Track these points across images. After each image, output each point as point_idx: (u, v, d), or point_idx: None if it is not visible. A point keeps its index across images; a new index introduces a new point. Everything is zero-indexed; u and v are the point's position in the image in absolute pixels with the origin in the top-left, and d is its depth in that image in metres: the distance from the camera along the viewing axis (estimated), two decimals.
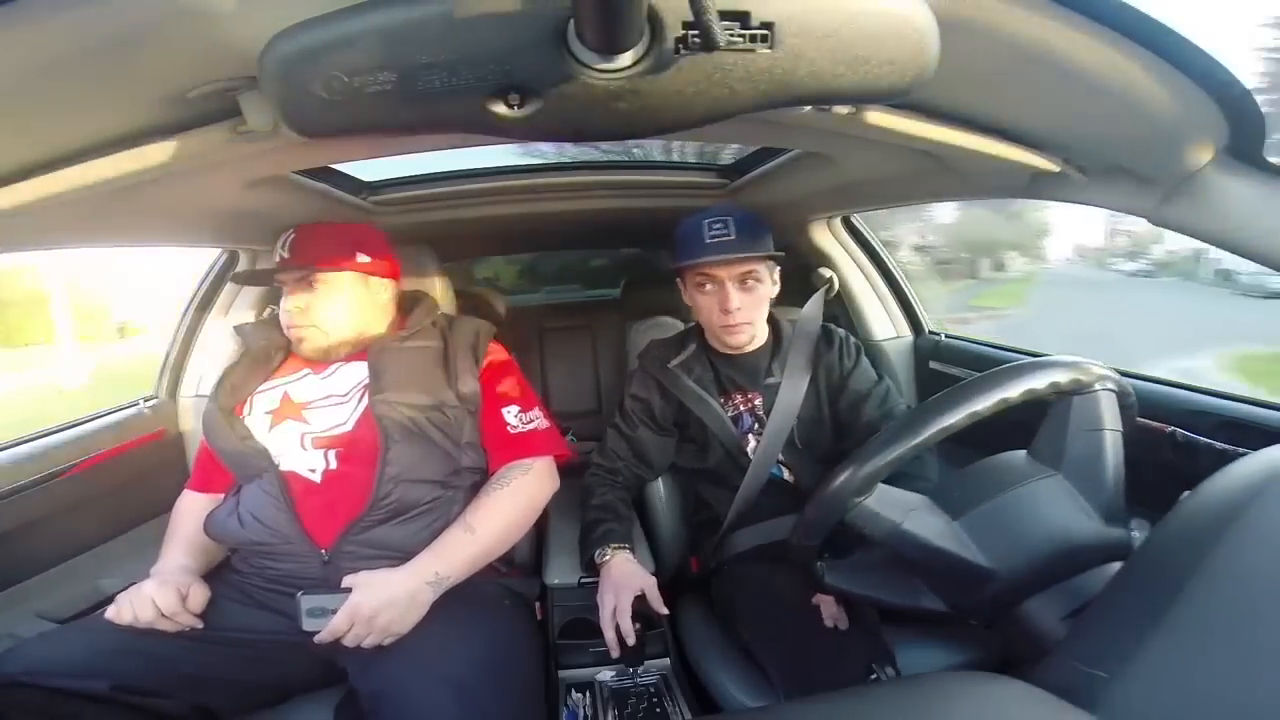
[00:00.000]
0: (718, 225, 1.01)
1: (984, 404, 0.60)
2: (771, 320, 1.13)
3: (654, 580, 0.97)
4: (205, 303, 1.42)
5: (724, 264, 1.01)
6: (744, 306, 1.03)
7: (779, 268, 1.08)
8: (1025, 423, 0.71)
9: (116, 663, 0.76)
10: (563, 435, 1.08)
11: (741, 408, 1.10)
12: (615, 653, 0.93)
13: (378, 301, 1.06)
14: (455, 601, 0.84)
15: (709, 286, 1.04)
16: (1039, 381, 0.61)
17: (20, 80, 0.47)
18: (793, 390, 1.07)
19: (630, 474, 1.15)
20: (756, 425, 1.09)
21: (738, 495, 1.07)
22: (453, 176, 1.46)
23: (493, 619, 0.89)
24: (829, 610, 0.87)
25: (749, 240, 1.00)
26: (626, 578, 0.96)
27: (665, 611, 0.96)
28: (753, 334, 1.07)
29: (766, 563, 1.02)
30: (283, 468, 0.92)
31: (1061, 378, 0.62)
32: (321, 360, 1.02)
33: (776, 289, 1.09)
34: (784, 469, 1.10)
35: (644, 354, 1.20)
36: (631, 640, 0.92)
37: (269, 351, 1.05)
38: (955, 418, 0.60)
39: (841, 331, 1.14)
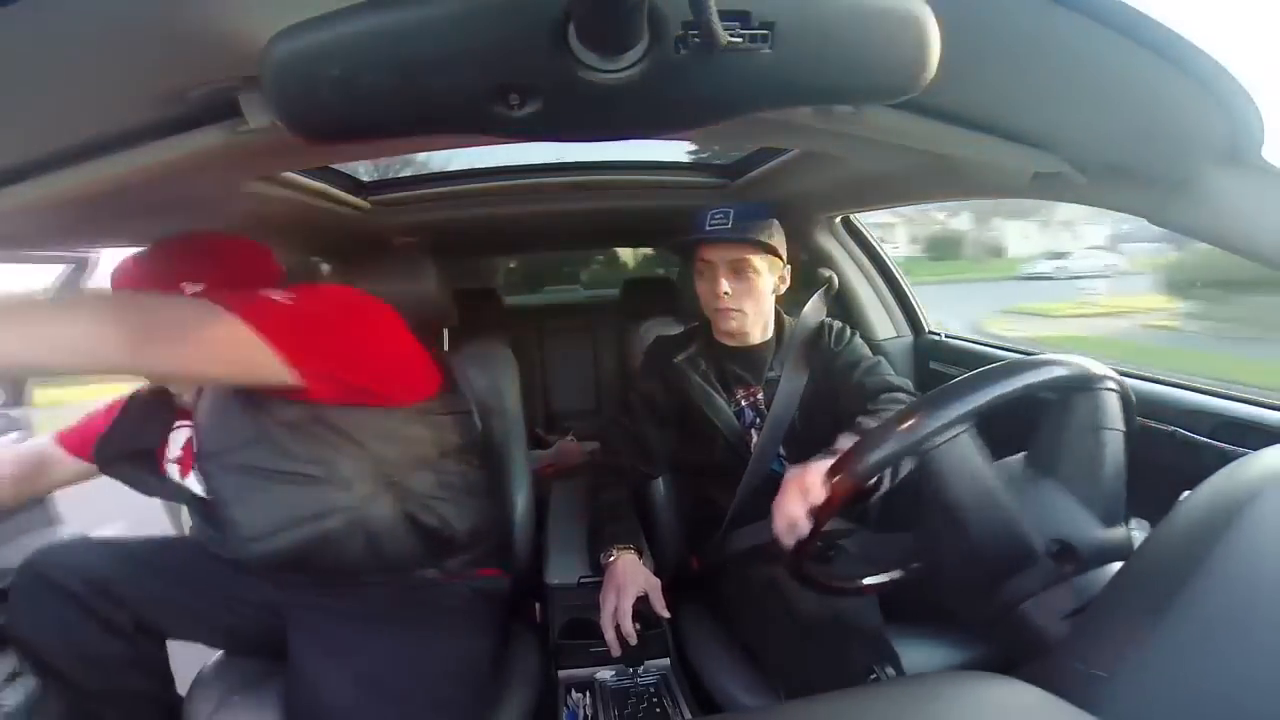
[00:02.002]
0: (719, 215, 1.05)
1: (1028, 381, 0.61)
2: (777, 318, 1.15)
3: (658, 582, 0.98)
4: None
5: (717, 248, 1.05)
6: (735, 293, 1.06)
7: (787, 267, 1.10)
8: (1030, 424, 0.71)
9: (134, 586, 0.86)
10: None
11: (744, 402, 1.12)
12: (616, 652, 0.93)
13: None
14: (411, 610, 0.84)
15: (706, 272, 1.08)
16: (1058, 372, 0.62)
17: (20, 80, 0.47)
18: (792, 384, 1.09)
19: (634, 470, 1.16)
20: (758, 419, 1.11)
21: (739, 488, 1.07)
22: (453, 176, 1.46)
23: (449, 630, 0.87)
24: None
25: (750, 229, 1.03)
26: (631, 578, 0.96)
27: (667, 615, 0.96)
28: (745, 324, 1.09)
29: (767, 562, 1.02)
30: None
31: (1072, 372, 0.62)
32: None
33: (781, 286, 1.11)
34: (786, 465, 1.10)
35: (650, 349, 1.21)
36: (633, 641, 0.92)
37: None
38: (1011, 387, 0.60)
39: (836, 323, 1.16)
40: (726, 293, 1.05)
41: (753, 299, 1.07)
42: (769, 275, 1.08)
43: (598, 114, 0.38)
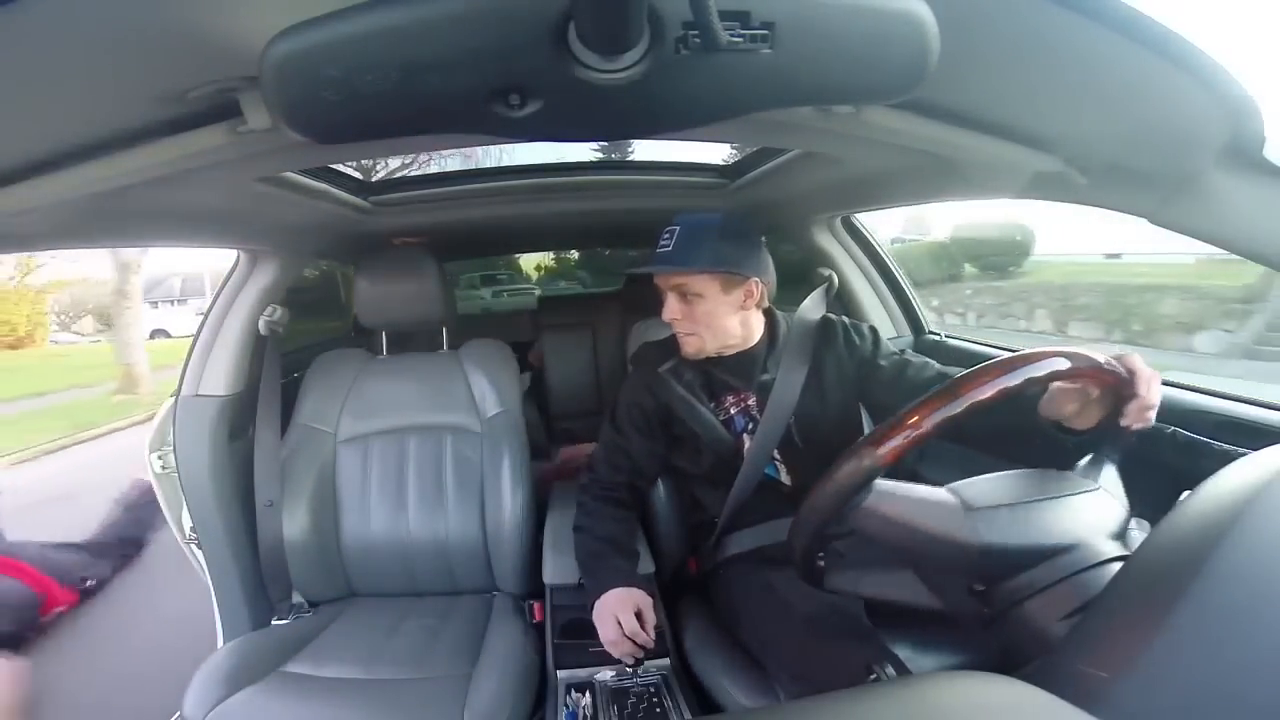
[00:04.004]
0: (666, 235, 1.01)
1: (989, 392, 0.58)
2: (769, 316, 1.11)
3: (650, 599, 0.98)
4: (228, 305, 1.40)
5: (660, 275, 1.02)
6: (683, 316, 1.03)
7: (751, 280, 1.02)
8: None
9: None
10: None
11: (733, 410, 1.07)
12: (631, 661, 0.94)
13: None
14: None
15: (662, 294, 1.05)
16: (1040, 371, 0.60)
17: (20, 81, 0.47)
18: (788, 386, 1.03)
19: (629, 485, 1.13)
20: (751, 425, 1.06)
21: (730, 496, 1.05)
22: (453, 176, 1.46)
23: None
24: None
25: (684, 253, 0.98)
26: (621, 600, 0.96)
27: (652, 637, 0.96)
28: (702, 346, 1.04)
29: (763, 565, 1.01)
30: None
31: (1063, 366, 0.61)
32: None
33: (746, 301, 1.03)
34: (781, 469, 1.08)
35: (635, 358, 1.19)
36: (652, 645, 0.94)
37: None
38: (959, 407, 0.57)
39: (845, 320, 1.10)
40: (674, 319, 1.03)
41: (701, 322, 1.02)
42: (721, 295, 1.01)
43: (598, 114, 0.38)
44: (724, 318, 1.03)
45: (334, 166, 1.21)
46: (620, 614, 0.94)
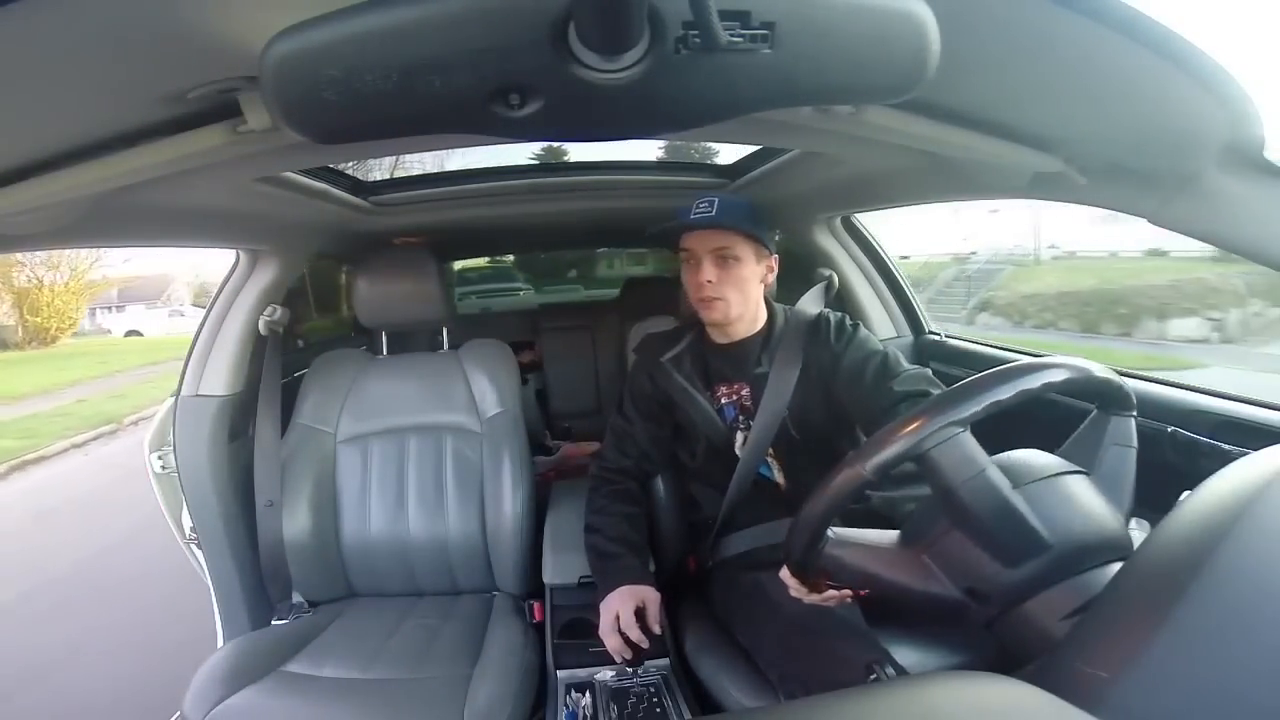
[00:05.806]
0: (704, 204, 1.04)
1: (1034, 384, 0.56)
2: (769, 310, 1.12)
3: (657, 595, 0.98)
4: (228, 305, 1.40)
5: (699, 235, 1.03)
6: (718, 281, 1.03)
7: (773, 257, 1.08)
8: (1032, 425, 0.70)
9: None
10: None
11: (724, 399, 1.09)
12: (619, 659, 0.94)
13: None
14: None
15: (690, 261, 1.06)
16: (1061, 375, 0.59)
17: (20, 80, 0.47)
18: (782, 381, 1.04)
19: (638, 470, 1.15)
20: (743, 418, 1.07)
21: (728, 492, 1.06)
22: (453, 176, 1.46)
23: None
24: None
25: (729, 216, 1.02)
26: (627, 595, 0.97)
27: (658, 632, 0.96)
28: (729, 312, 1.05)
29: (760, 567, 1.01)
30: None
31: (1079, 375, 0.61)
32: None
33: (767, 276, 1.08)
34: (774, 468, 1.09)
35: (639, 347, 1.21)
36: (645, 645, 0.93)
37: None
38: (1012, 391, 0.56)
39: (835, 316, 1.10)
40: (710, 280, 1.02)
41: (736, 287, 1.03)
42: (754, 263, 1.04)
43: (598, 114, 0.38)
44: (753, 287, 1.06)
45: (334, 166, 1.21)
46: (621, 608, 0.95)
